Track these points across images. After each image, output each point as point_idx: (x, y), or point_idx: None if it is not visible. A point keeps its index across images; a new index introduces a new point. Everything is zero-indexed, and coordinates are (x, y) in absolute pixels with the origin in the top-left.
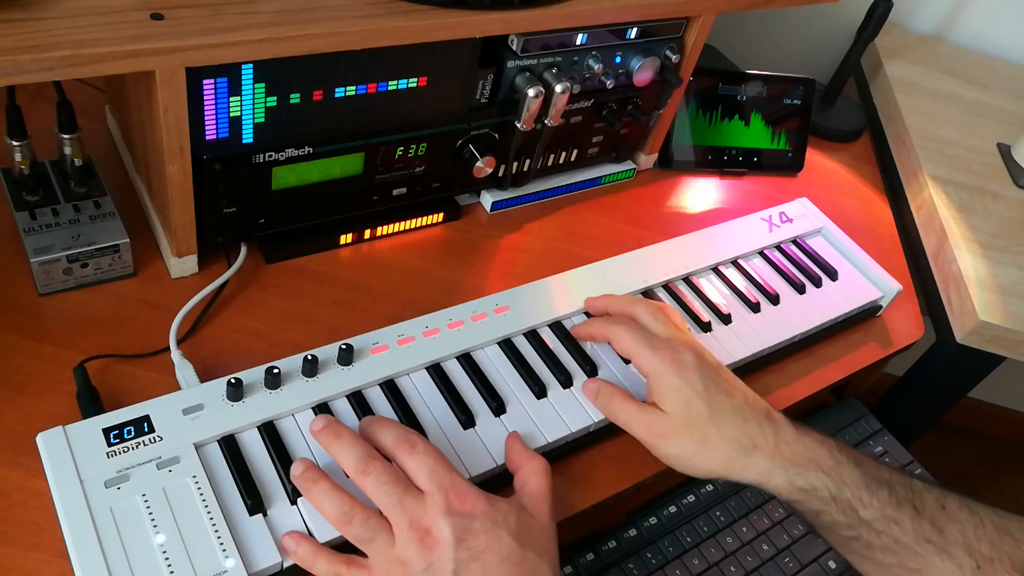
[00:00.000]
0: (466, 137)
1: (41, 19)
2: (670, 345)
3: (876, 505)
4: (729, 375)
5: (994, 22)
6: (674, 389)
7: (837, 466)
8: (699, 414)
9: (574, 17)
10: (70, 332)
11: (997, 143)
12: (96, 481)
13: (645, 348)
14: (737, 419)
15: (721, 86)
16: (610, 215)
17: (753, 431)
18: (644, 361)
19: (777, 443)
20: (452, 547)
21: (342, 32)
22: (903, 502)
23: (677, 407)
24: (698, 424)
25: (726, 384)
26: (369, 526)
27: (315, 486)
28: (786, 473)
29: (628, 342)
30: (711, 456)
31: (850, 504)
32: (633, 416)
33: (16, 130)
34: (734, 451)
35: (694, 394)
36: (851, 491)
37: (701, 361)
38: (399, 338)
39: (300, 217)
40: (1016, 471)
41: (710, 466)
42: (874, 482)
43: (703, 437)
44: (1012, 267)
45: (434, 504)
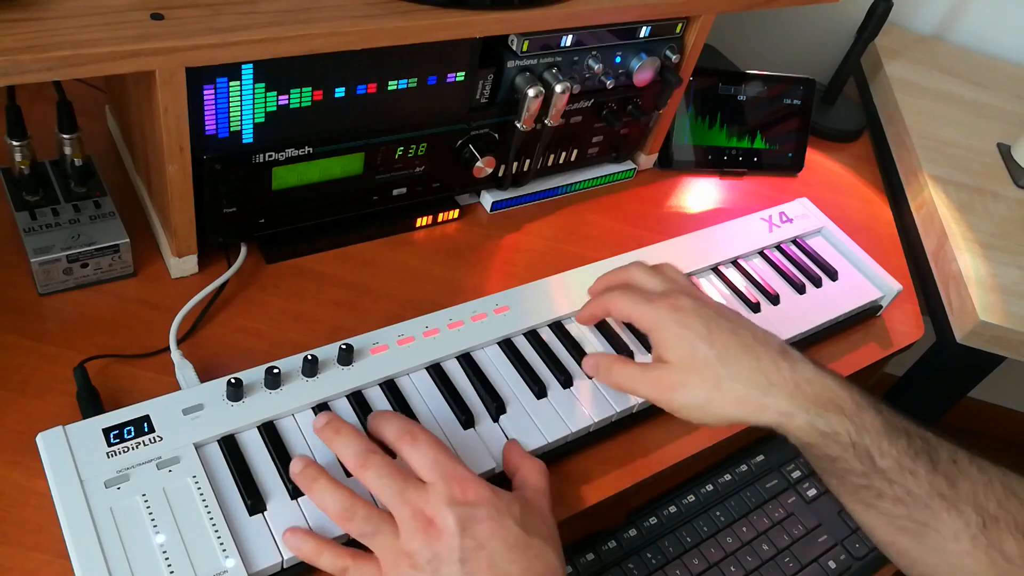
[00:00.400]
0: (466, 137)
1: (41, 19)
2: (666, 295)
3: (894, 454)
4: (734, 313)
5: (994, 22)
6: (675, 336)
7: (859, 410)
8: (706, 357)
9: (574, 17)
10: (70, 332)
11: (997, 143)
12: (96, 481)
13: (641, 304)
14: (748, 357)
15: (721, 86)
16: (610, 215)
17: (767, 368)
18: (642, 317)
19: (796, 381)
20: (457, 536)
21: (342, 32)
22: (920, 453)
23: (682, 354)
24: (707, 367)
25: (730, 323)
26: (371, 520)
27: (315, 483)
28: (807, 414)
29: (624, 304)
30: (725, 399)
31: (868, 451)
32: (637, 377)
33: (16, 130)
34: (749, 390)
35: (696, 337)
36: (871, 437)
37: (700, 304)
38: (399, 338)
39: (300, 217)
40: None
41: (726, 410)
42: (894, 430)
43: (714, 380)
44: (1012, 267)
45: (437, 494)
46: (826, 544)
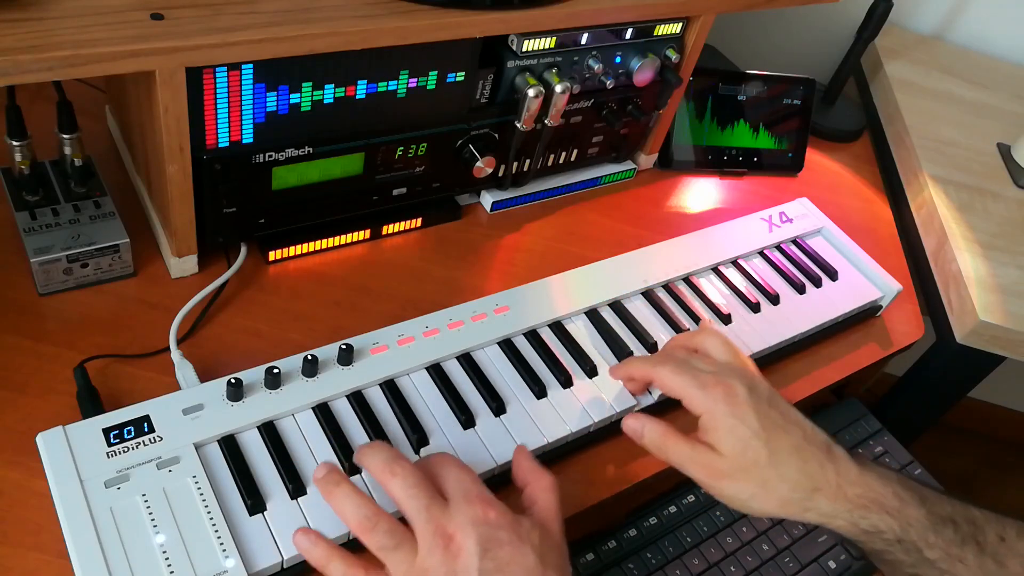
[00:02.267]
0: (466, 137)
1: (41, 19)
2: (719, 380)
3: (941, 545)
4: (785, 405)
5: (994, 22)
6: (728, 429)
7: (902, 506)
8: (757, 456)
9: (574, 17)
10: (70, 332)
11: (997, 143)
12: (96, 481)
13: (693, 386)
14: (796, 460)
15: (721, 86)
16: (610, 215)
17: (814, 471)
18: (694, 400)
19: (839, 483)
20: (477, 556)
21: (342, 32)
22: (967, 539)
23: (734, 449)
24: (756, 467)
25: (782, 418)
26: (394, 534)
27: (337, 488)
28: (849, 516)
29: (673, 381)
30: (769, 498)
31: (915, 545)
32: (687, 456)
33: (16, 130)
34: (794, 494)
35: (751, 434)
36: (916, 532)
37: (754, 394)
38: (399, 338)
39: (300, 217)
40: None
41: (768, 508)
42: (939, 521)
43: (762, 480)
44: (1012, 267)
45: (460, 512)
46: (826, 544)
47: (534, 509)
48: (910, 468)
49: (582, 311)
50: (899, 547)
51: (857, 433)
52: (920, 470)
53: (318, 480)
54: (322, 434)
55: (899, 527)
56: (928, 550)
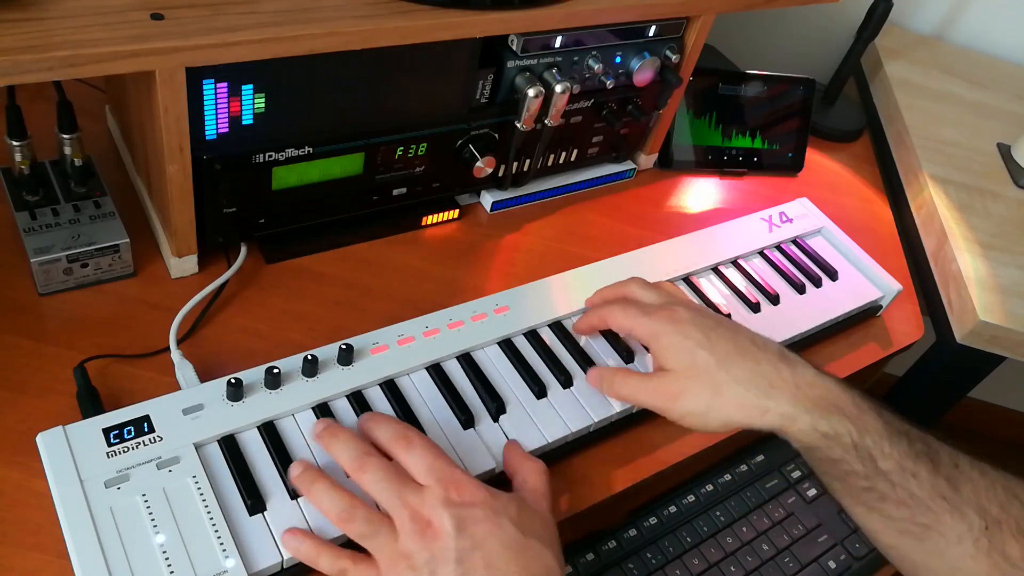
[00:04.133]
0: (466, 137)
1: (41, 19)
2: (664, 306)
3: (895, 456)
4: (731, 322)
5: (994, 22)
6: (675, 346)
7: (860, 413)
8: (706, 363)
9: (574, 17)
10: (70, 332)
11: (997, 143)
12: (96, 481)
13: (639, 316)
14: (748, 361)
15: (721, 86)
16: (610, 215)
17: (767, 371)
18: (641, 328)
19: (797, 383)
20: (453, 537)
21: (342, 32)
22: (921, 455)
23: (682, 362)
24: (707, 373)
25: (728, 331)
26: (371, 522)
27: (314, 485)
28: (809, 416)
29: (622, 317)
30: (727, 404)
31: (870, 453)
32: (638, 387)
33: (16, 130)
34: (750, 394)
35: (695, 344)
36: (873, 439)
37: (698, 314)
38: (399, 338)
39: (300, 217)
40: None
41: (728, 415)
42: (895, 433)
43: (715, 386)
44: (1012, 267)
45: (433, 496)
46: (826, 544)
47: (524, 488)
48: None
49: (582, 311)
50: (855, 454)
51: None
52: None
53: (294, 478)
54: None
55: (856, 432)
56: (882, 460)
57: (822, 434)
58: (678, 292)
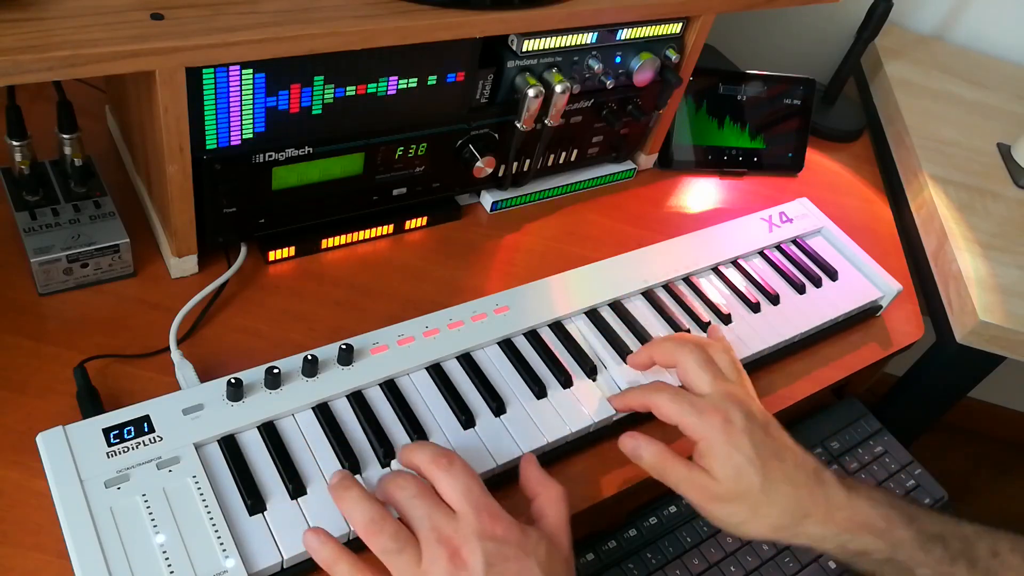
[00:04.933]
0: (466, 137)
1: (41, 19)
2: (716, 406)
3: (931, 564)
4: (778, 432)
5: (994, 22)
6: (724, 457)
7: (889, 527)
8: (751, 484)
9: (574, 17)
10: (70, 332)
11: (997, 143)
12: (96, 481)
13: (691, 415)
14: (788, 487)
15: (721, 86)
16: (610, 215)
17: (804, 497)
18: (690, 427)
19: (828, 508)
20: (482, 571)
21: (342, 32)
22: (957, 557)
23: (728, 475)
24: (749, 493)
25: (775, 444)
26: (398, 538)
27: (348, 492)
28: (838, 539)
29: (671, 410)
30: (760, 524)
31: (905, 565)
32: (684, 479)
33: (16, 130)
34: (785, 519)
35: (745, 461)
36: (905, 552)
37: (750, 420)
38: (399, 338)
39: (300, 217)
40: (1016, 471)
41: (760, 532)
42: (927, 539)
43: (754, 506)
44: (1012, 267)
45: (467, 524)
46: None
47: (543, 522)
48: (910, 468)
49: (582, 311)
50: (889, 567)
51: (857, 433)
52: (920, 470)
53: (332, 486)
54: (322, 434)
55: (887, 547)
56: (918, 568)
57: (852, 552)
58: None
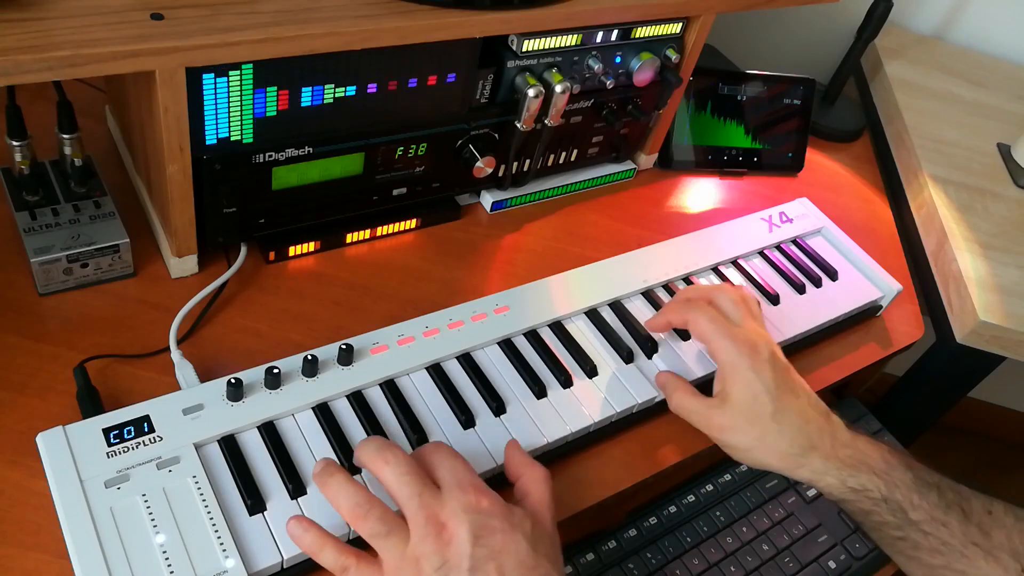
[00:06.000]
0: (466, 137)
1: (41, 19)
2: (748, 337)
3: (925, 507)
4: (796, 376)
5: (994, 22)
6: (746, 381)
7: (888, 468)
8: (763, 410)
9: (574, 17)
10: (70, 332)
11: (997, 143)
12: (96, 481)
13: (724, 337)
14: (798, 419)
15: (721, 86)
16: (610, 215)
17: (811, 432)
18: (720, 349)
19: (833, 444)
20: (469, 543)
21: (342, 32)
22: (951, 505)
23: (744, 398)
24: (761, 419)
25: (793, 383)
26: (385, 521)
27: (332, 478)
28: (839, 474)
29: (706, 327)
30: (768, 451)
31: (900, 505)
32: (694, 410)
33: (16, 130)
34: (792, 449)
35: (763, 389)
36: (901, 493)
37: (775, 358)
38: (399, 338)
39: (300, 217)
40: (1016, 471)
41: (767, 459)
42: (924, 485)
43: (763, 432)
44: (1012, 267)
45: (453, 499)
46: (826, 544)
47: (526, 501)
48: None
49: (582, 311)
50: (884, 507)
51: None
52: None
53: (316, 473)
54: (322, 434)
55: (884, 486)
56: (912, 511)
57: (851, 488)
58: (760, 316)
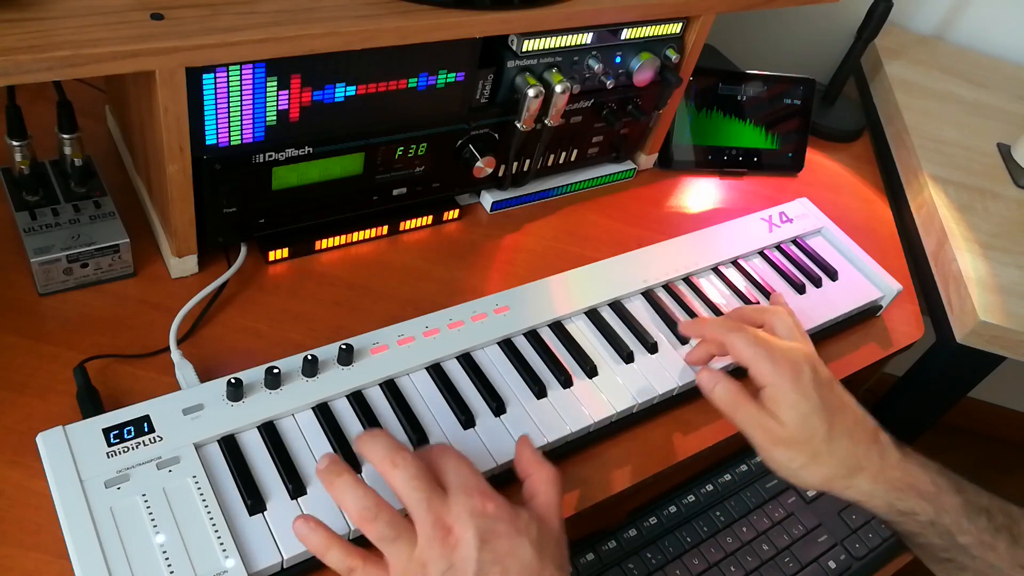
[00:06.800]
0: (466, 137)
1: (41, 19)
2: (788, 357)
3: (974, 532)
4: (842, 391)
5: (994, 22)
6: (792, 403)
7: (938, 492)
8: (815, 431)
9: (574, 17)
10: (70, 332)
11: (997, 143)
12: (96, 481)
13: (765, 360)
14: (848, 440)
15: (721, 86)
16: (610, 215)
17: (861, 453)
18: (762, 372)
19: (882, 466)
20: (475, 548)
21: (342, 32)
22: (1000, 529)
23: (794, 420)
24: (812, 440)
25: (839, 401)
26: (394, 525)
27: (339, 479)
28: (887, 496)
29: (747, 351)
30: (816, 472)
31: (948, 529)
32: (754, 418)
33: (16, 130)
34: (840, 471)
35: (812, 410)
36: (950, 517)
37: (818, 376)
38: (399, 338)
39: (300, 217)
40: (1016, 471)
41: (814, 480)
42: (973, 509)
43: (814, 453)
44: (1012, 267)
45: (459, 503)
46: (826, 544)
47: (534, 502)
48: None
49: (582, 311)
50: (932, 530)
51: None
52: None
53: (320, 470)
54: (322, 434)
55: (933, 511)
56: (960, 535)
57: (899, 511)
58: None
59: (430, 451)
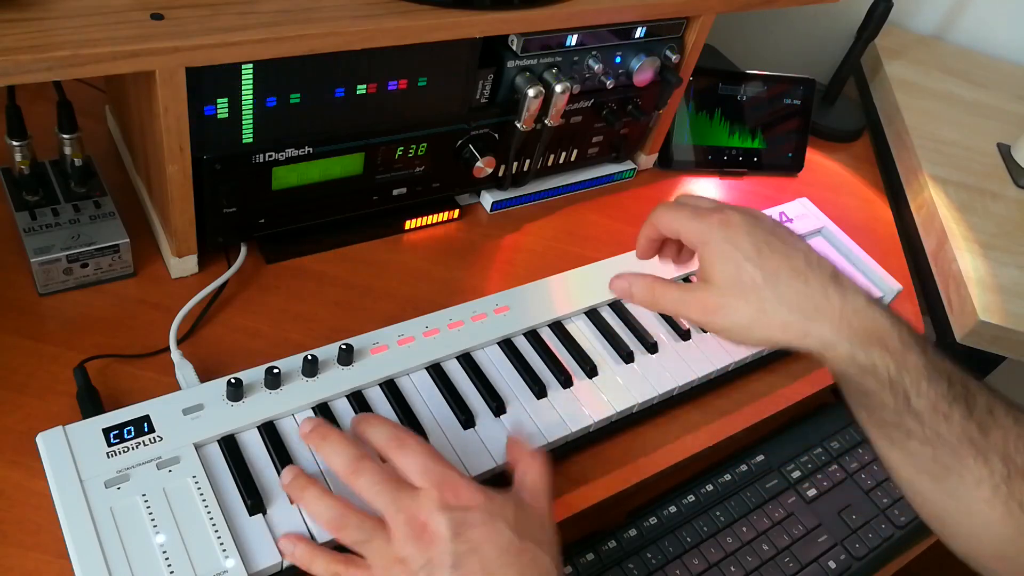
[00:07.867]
0: (466, 137)
1: (41, 19)
2: (718, 209)
3: (931, 396)
4: (788, 234)
5: (994, 22)
6: (723, 254)
7: (904, 348)
8: (752, 280)
9: (574, 17)
10: (70, 332)
11: (997, 143)
12: (96, 481)
13: (690, 219)
14: (797, 282)
15: (721, 86)
16: (610, 215)
17: (815, 294)
18: (690, 231)
19: (843, 310)
20: (450, 540)
21: (342, 32)
22: (958, 398)
23: (728, 273)
24: (752, 290)
25: (783, 244)
26: (364, 528)
27: (304, 492)
28: (850, 346)
29: (672, 218)
30: (770, 323)
31: (905, 390)
32: (679, 299)
33: (16, 130)
34: (794, 316)
35: (744, 258)
36: (911, 377)
37: (752, 221)
38: (399, 338)
39: (300, 217)
40: None
41: (769, 333)
42: (936, 372)
43: (759, 304)
44: (1012, 267)
45: (429, 499)
46: (826, 544)
47: (523, 485)
48: None
49: (582, 311)
50: (889, 390)
51: (857, 433)
52: None
53: (285, 486)
54: None
55: (895, 368)
56: (916, 398)
57: (859, 365)
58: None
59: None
